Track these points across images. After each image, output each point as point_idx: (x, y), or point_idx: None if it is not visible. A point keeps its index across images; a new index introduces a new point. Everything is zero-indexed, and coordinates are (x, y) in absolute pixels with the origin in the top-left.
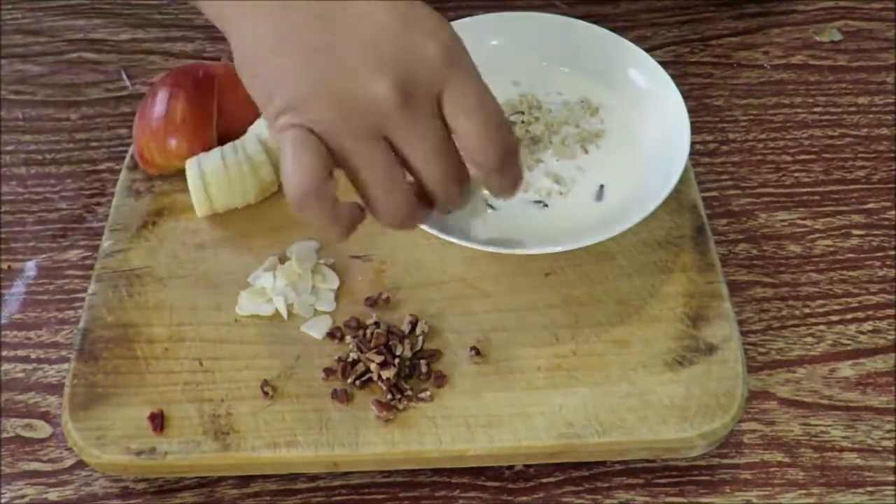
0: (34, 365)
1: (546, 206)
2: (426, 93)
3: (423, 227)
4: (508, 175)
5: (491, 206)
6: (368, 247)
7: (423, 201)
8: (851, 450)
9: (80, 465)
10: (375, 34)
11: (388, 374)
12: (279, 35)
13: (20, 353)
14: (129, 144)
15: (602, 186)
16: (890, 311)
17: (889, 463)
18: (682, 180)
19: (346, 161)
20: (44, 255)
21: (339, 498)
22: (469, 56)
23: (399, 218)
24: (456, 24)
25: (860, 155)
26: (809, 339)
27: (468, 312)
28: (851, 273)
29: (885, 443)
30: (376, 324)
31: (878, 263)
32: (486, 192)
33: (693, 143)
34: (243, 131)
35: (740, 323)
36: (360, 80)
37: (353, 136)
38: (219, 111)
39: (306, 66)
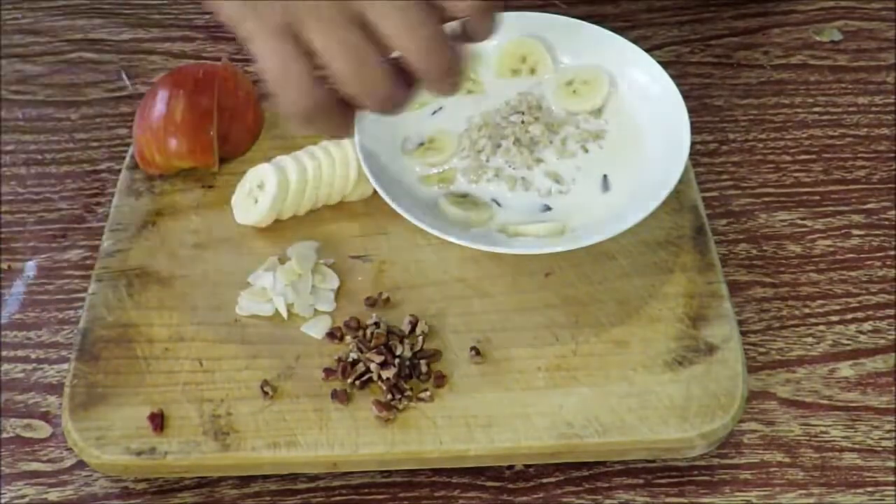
0: (34, 365)
1: (550, 208)
2: None
3: (423, 227)
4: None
5: (496, 203)
6: (368, 247)
7: (404, 79)
8: (851, 450)
9: (80, 465)
10: None
11: (388, 374)
12: None
13: (20, 353)
14: (129, 144)
15: (606, 176)
16: (890, 311)
17: (889, 463)
18: (682, 180)
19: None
20: (44, 255)
21: (339, 498)
22: None
23: (378, 97)
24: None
25: (860, 155)
26: (809, 339)
27: (468, 312)
28: (851, 273)
29: (885, 443)
30: (376, 324)
31: (878, 263)
32: (491, 189)
33: (693, 143)
34: (243, 131)
35: (740, 323)
36: None
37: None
38: (219, 111)
39: None
